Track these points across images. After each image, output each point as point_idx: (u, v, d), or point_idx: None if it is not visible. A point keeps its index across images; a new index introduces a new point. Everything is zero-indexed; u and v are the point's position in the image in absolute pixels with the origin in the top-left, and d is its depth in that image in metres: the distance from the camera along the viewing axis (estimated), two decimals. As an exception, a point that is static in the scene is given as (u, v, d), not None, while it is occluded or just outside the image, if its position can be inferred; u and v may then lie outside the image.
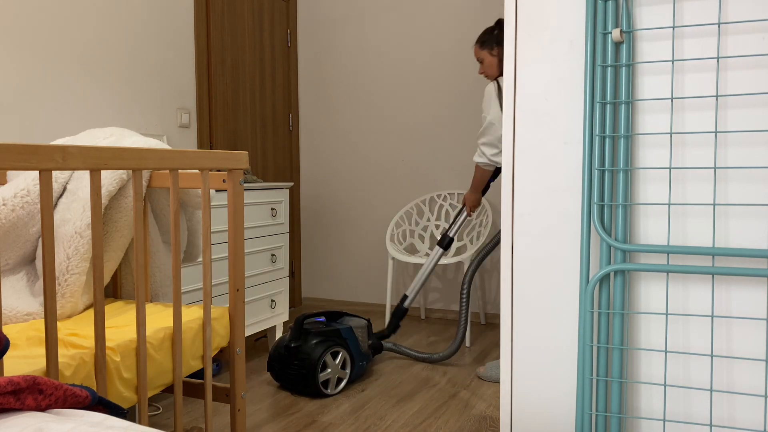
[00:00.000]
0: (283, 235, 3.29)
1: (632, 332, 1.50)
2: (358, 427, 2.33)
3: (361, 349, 2.77)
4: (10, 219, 1.77)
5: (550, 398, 1.59)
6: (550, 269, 1.57)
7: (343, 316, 2.90)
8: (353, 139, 4.23)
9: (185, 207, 2.06)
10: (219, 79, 3.56)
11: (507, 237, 1.61)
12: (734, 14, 1.37)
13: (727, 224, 1.40)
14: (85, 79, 2.74)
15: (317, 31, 4.29)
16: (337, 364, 2.65)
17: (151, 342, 1.61)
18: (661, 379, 1.48)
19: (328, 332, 2.66)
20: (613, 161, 1.46)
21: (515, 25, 1.57)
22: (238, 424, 1.84)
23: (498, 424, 2.35)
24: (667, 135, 1.44)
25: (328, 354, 2.61)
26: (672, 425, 1.47)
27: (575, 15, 1.51)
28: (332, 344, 2.62)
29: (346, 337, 2.70)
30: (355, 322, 2.81)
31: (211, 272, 1.75)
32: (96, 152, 1.36)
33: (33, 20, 2.51)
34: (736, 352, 1.41)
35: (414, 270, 4.13)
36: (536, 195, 1.57)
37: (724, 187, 1.40)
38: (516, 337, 1.61)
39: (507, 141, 1.60)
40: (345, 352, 2.69)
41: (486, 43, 2.79)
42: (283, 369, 2.62)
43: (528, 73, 1.57)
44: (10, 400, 0.82)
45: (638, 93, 1.46)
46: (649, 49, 1.45)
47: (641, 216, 1.47)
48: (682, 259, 1.44)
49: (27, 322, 1.74)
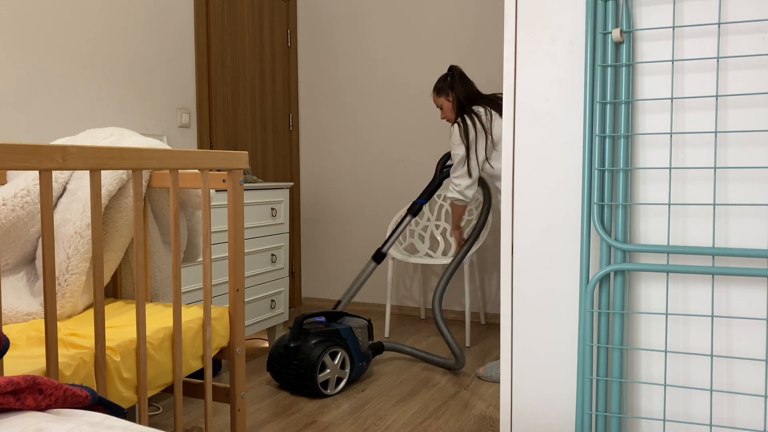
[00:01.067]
0: (283, 235, 3.29)
1: (632, 332, 1.50)
2: (358, 427, 2.33)
3: (361, 350, 2.76)
4: (10, 219, 1.77)
5: (550, 398, 1.59)
6: (550, 269, 1.57)
7: (343, 316, 2.88)
8: (353, 139, 4.23)
9: (185, 207, 2.06)
10: (219, 79, 3.56)
11: (507, 237, 1.61)
12: (734, 14, 1.37)
13: (727, 224, 1.40)
14: (86, 79, 2.74)
15: (317, 31, 4.29)
16: (336, 364, 2.64)
17: (151, 342, 1.61)
18: (661, 379, 1.48)
19: (327, 332, 2.65)
20: (613, 161, 1.46)
21: (515, 25, 1.57)
22: (238, 424, 1.84)
23: (498, 424, 2.35)
24: (667, 135, 1.44)
25: (327, 354, 2.61)
26: (672, 425, 1.47)
27: (575, 15, 1.51)
28: (331, 344, 2.62)
29: (346, 337, 2.69)
30: (355, 323, 2.81)
31: (211, 272, 1.75)
32: (96, 152, 1.36)
33: (33, 20, 2.51)
34: (736, 352, 1.41)
35: (414, 270, 4.13)
36: (536, 195, 1.57)
37: (724, 187, 1.40)
38: (516, 337, 1.61)
39: (507, 141, 1.60)
40: (344, 352, 2.68)
41: (441, 90, 3.01)
42: (283, 369, 2.62)
43: (528, 73, 1.57)
44: (10, 400, 0.82)
45: (638, 93, 1.46)
46: (649, 49, 1.45)
47: (641, 216, 1.47)
48: (682, 259, 1.44)
49: (27, 322, 1.74)
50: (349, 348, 2.70)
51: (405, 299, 4.18)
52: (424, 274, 4.10)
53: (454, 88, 2.98)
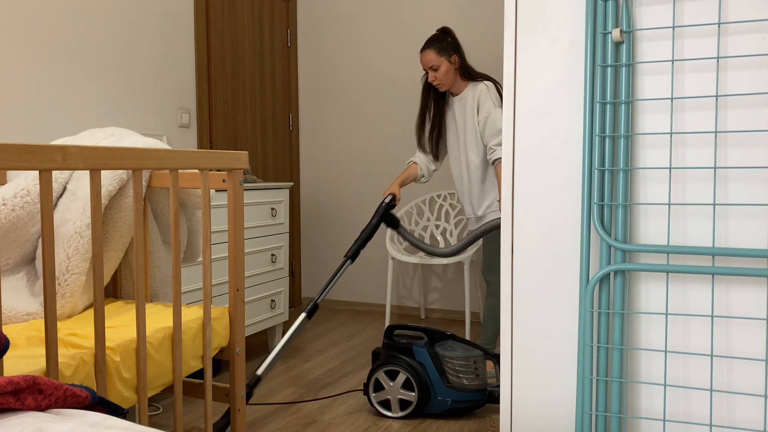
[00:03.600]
0: (283, 235, 3.29)
1: (632, 332, 1.50)
2: (358, 427, 2.32)
3: (451, 384, 2.37)
4: (10, 219, 1.77)
5: (550, 398, 1.59)
6: (550, 269, 1.57)
7: (448, 339, 2.46)
8: (353, 138, 4.23)
9: (185, 207, 2.06)
10: (219, 79, 3.56)
11: (507, 237, 1.61)
12: (734, 14, 1.37)
13: (727, 224, 1.40)
14: (86, 79, 2.74)
15: (317, 31, 4.29)
16: (394, 385, 2.39)
17: (151, 342, 1.61)
18: (661, 379, 1.48)
19: (398, 348, 2.40)
20: (613, 161, 1.46)
21: (515, 25, 1.57)
22: (238, 424, 1.84)
23: (498, 424, 2.35)
24: (667, 135, 1.44)
25: (381, 372, 2.40)
26: (672, 425, 1.47)
27: (575, 15, 1.51)
28: (389, 364, 2.39)
29: (422, 361, 2.37)
30: (451, 352, 2.40)
31: (211, 272, 1.74)
32: (96, 152, 1.36)
33: (33, 20, 2.51)
34: (736, 352, 1.41)
35: (414, 270, 4.13)
36: (536, 195, 1.57)
37: (724, 187, 1.40)
38: (516, 336, 1.61)
39: (507, 141, 1.60)
40: (410, 376, 2.36)
41: (444, 50, 2.74)
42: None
43: (528, 73, 1.57)
44: (10, 400, 0.82)
45: (638, 93, 1.46)
46: (649, 49, 1.45)
47: (641, 216, 1.47)
48: (682, 259, 1.44)
49: (27, 322, 1.74)
50: (419, 374, 2.36)
51: (405, 299, 4.18)
52: (424, 274, 4.10)
53: (459, 51, 2.79)
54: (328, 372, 2.96)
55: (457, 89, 2.85)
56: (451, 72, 2.78)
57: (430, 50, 2.76)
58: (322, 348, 3.37)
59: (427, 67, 2.79)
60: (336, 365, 3.06)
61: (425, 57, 2.78)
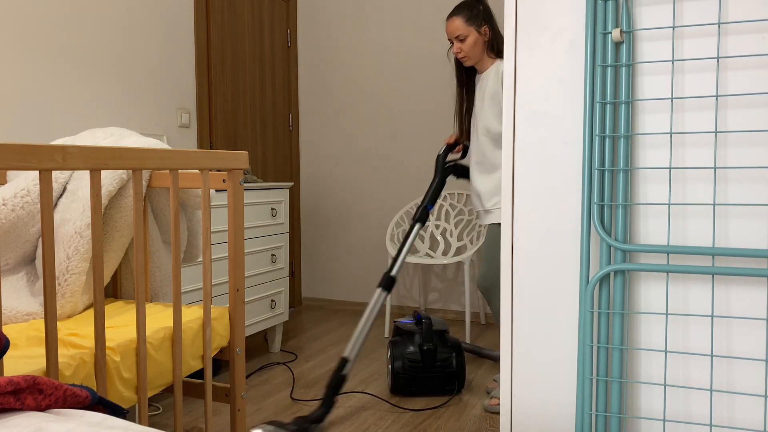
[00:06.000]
0: (283, 235, 3.29)
1: (632, 332, 1.50)
2: (358, 427, 2.32)
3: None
4: (10, 219, 1.77)
5: (549, 398, 1.59)
6: (550, 269, 1.57)
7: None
8: (353, 139, 4.23)
9: (185, 207, 2.06)
10: (219, 79, 3.56)
11: (507, 237, 1.61)
12: (734, 14, 1.37)
13: (727, 224, 1.40)
14: (86, 79, 2.74)
15: (317, 31, 4.29)
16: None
17: (151, 342, 1.61)
18: (661, 379, 1.48)
19: (446, 336, 2.71)
20: (613, 161, 1.46)
21: (515, 25, 1.57)
22: (238, 424, 1.84)
23: (498, 424, 2.35)
24: (667, 135, 1.44)
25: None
26: (672, 425, 1.47)
27: (575, 15, 1.51)
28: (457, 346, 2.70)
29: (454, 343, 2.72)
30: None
31: (211, 272, 1.74)
32: (96, 152, 1.36)
33: (33, 20, 2.51)
34: (736, 352, 1.41)
35: (414, 270, 4.13)
36: (536, 195, 1.57)
37: (724, 187, 1.40)
38: (516, 336, 1.61)
39: (507, 141, 1.60)
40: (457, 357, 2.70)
41: (474, 19, 2.38)
42: (424, 372, 2.63)
43: (528, 73, 1.57)
44: (10, 400, 0.82)
45: (638, 93, 1.46)
46: (649, 49, 1.45)
47: (641, 216, 1.47)
48: (682, 259, 1.44)
49: (27, 322, 1.74)
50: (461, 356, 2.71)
51: (405, 299, 4.18)
52: (424, 274, 4.10)
53: (490, 22, 2.41)
54: (328, 372, 2.96)
55: (483, 66, 2.47)
56: (479, 45, 2.40)
57: (458, 17, 2.40)
58: (322, 348, 3.37)
59: (453, 36, 2.42)
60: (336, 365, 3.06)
61: (451, 25, 2.41)
